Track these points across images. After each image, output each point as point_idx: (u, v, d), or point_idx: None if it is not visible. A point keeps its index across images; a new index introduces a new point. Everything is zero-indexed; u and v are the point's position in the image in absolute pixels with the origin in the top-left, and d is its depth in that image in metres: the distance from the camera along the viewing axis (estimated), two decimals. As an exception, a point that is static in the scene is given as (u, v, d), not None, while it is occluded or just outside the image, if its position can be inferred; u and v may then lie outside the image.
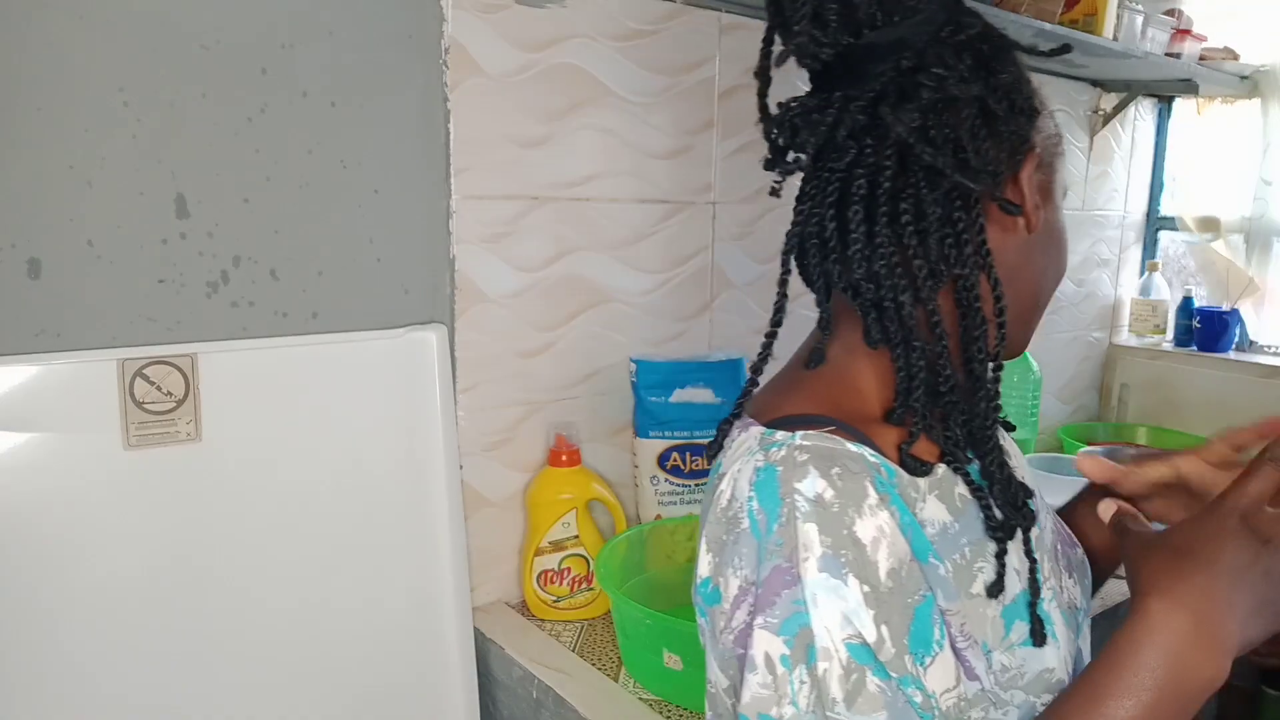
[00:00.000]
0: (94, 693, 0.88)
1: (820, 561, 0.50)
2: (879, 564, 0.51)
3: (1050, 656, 0.57)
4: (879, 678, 0.49)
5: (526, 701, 1.04)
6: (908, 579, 0.51)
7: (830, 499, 0.51)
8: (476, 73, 1.09)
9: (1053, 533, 0.67)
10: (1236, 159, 1.97)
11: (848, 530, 0.50)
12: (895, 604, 0.51)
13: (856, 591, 0.50)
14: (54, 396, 0.86)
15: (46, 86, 0.83)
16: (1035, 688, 0.56)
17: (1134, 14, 1.59)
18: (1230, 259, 2.02)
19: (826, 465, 0.52)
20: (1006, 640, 0.56)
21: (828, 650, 0.49)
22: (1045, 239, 0.61)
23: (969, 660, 0.54)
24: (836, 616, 0.50)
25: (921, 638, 0.51)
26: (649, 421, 1.25)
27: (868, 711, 0.49)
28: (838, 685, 0.49)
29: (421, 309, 1.09)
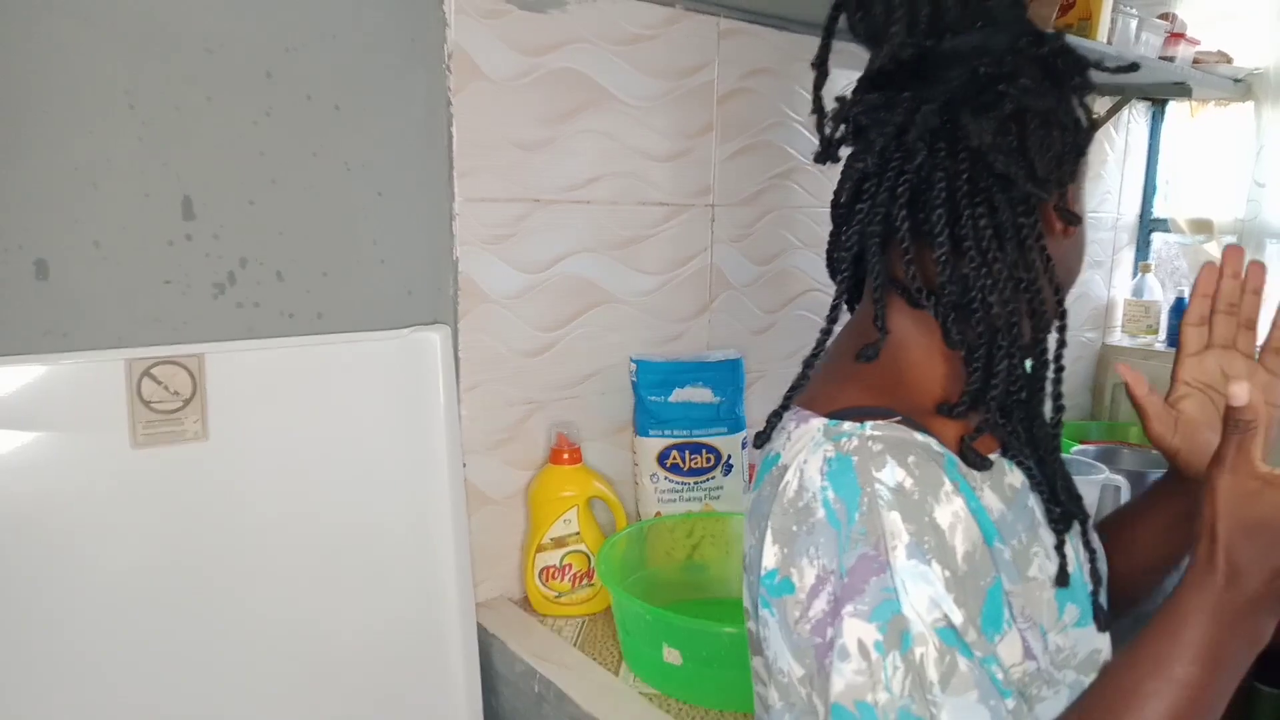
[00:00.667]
0: (99, 690, 0.89)
1: (908, 549, 0.51)
2: (956, 549, 0.52)
3: (1100, 638, 0.60)
4: (966, 657, 0.51)
5: (528, 696, 1.06)
6: (980, 562, 0.53)
7: (910, 487, 0.52)
8: (479, 77, 1.10)
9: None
10: (1229, 161, 1.99)
11: (929, 517, 0.52)
12: (970, 587, 0.52)
13: (939, 577, 0.51)
14: (62, 396, 0.87)
15: (52, 89, 0.84)
16: (1086, 667, 0.59)
17: (1128, 18, 1.60)
18: (1223, 260, 2.03)
19: (902, 454, 0.53)
20: (1060, 622, 0.58)
21: (922, 636, 0.50)
22: (1076, 243, 0.64)
23: (1028, 640, 0.55)
24: (925, 602, 0.51)
25: (993, 617, 0.53)
26: (649, 420, 1.26)
27: (961, 691, 0.50)
28: (934, 669, 0.50)
29: (425, 310, 1.10)
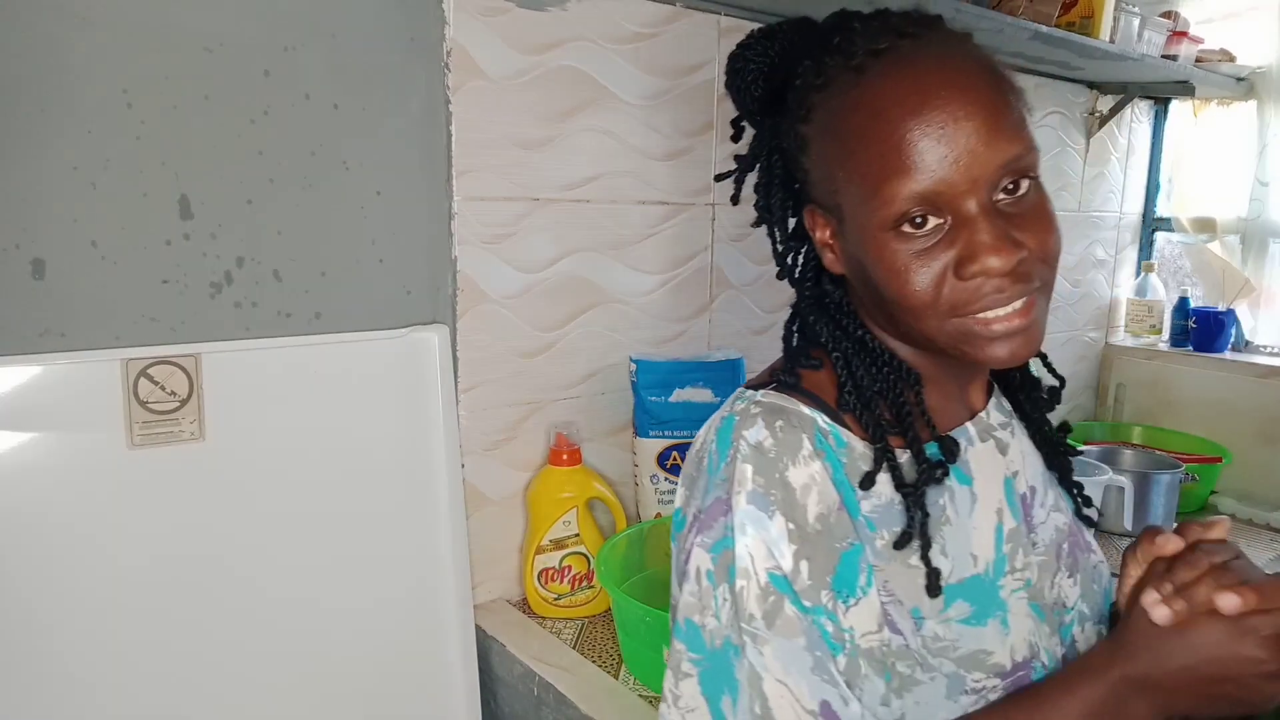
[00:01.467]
0: (97, 691, 0.88)
1: (749, 495, 0.58)
2: (808, 507, 0.58)
3: (992, 640, 0.61)
4: (796, 607, 0.56)
5: (527, 698, 1.05)
6: (836, 525, 0.59)
7: (769, 446, 0.59)
8: (478, 75, 1.09)
9: (1058, 530, 0.70)
10: (1232, 160, 1.98)
11: (780, 474, 0.58)
12: (821, 545, 0.58)
13: (781, 527, 0.57)
14: (58, 396, 0.87)
15: (50, 88, 0.84)
16: (968, 664, 0.60)
17: (1130, 16, 1.60)
18: (1226, 260, 2.02)
19: (773, 419, 0.60)
20: (944, 614, 0.60)
21: (746, 570, 0.57)
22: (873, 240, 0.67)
23: (892, 616, 0.59)
24: (760, 545, 0.57)
25: (846, 579, 0.58)
26: (649, 421, 1.25)
27: (787, 635, 0.56)
28: (755, 603, 0.56)
29: (423, 309, 1.09)
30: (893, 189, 0.56)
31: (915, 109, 0.56)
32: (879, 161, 0.57)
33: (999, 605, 0.63)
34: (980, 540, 0.64)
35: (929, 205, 0.56)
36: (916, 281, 0.57)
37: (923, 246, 0.57)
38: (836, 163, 0.60)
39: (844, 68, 0.59)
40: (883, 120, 0.56)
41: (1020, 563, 0.65)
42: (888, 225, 0.57)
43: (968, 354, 0.59)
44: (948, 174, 0.55)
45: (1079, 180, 1.98)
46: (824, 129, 0.61)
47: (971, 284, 0.57)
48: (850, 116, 0.58)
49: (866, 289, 0.63)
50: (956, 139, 0.55)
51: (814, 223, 0.66)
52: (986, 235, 0.56)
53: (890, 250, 0.58)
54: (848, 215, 0.61)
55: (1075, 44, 1.49)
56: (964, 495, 0.65)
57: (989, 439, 0.69)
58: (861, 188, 0.58)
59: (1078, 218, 2.00)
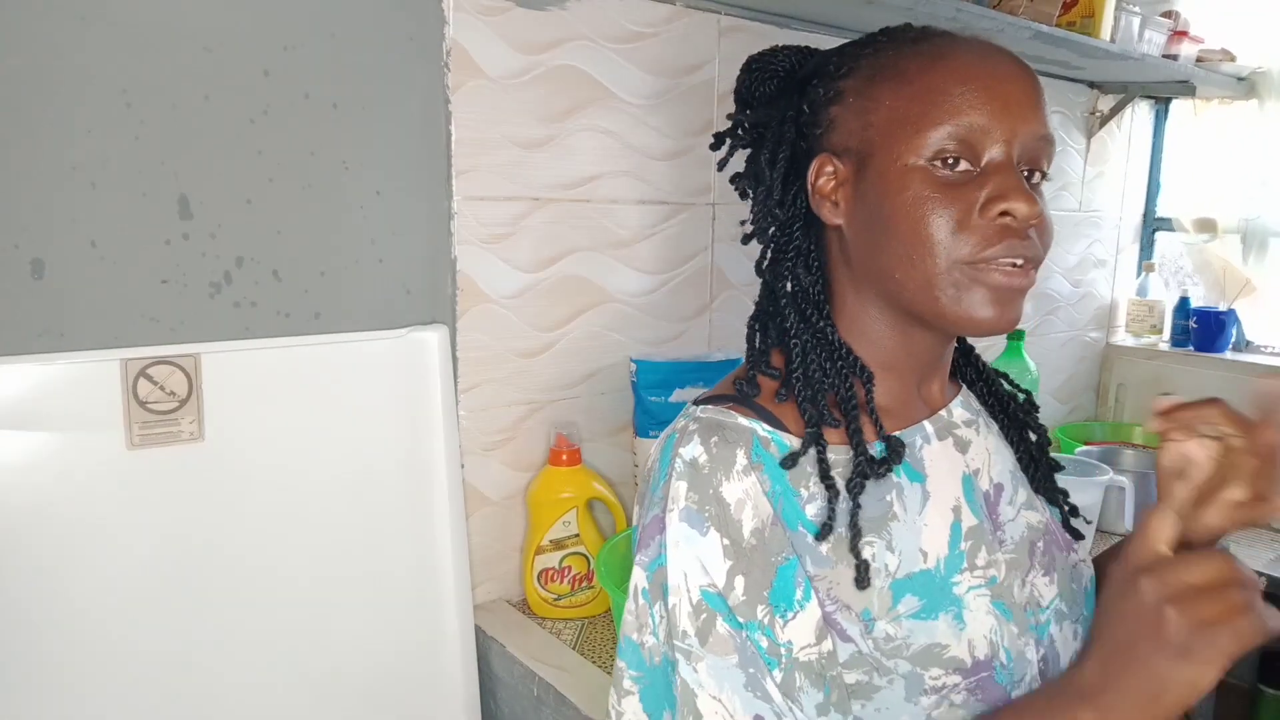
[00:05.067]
0: (97, 692, 0.88)
1: (683, 513, 0.58)
2: (743, 523, 0.58)
3: (945, 633, 0.61)
4: (729, 625, 0.56)
5: (527, 699, 1.05)
6: (772, 539, 0.58)
7: (703, 462, 0.59)
8: (478, 75, 1.09)
9: (1030, 528, 0.70)
10: (1233, 160, 1.98)
11: (714, 490, 0.58)
12: (757, 560, 0.58)
13: (716, 543, 0.57)
14: (57, 396, 0.86)
15: (49, 88, 0.84)
16: (923, 660, 0.59)
17: (1131, 16, 1.60)
18: (1227, 259, 2.02)
19: (708, 434, 0.60)
20: (893, 611, 0.60)
21: (678, 588, 0.57)
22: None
23: (840, 624, 0.59)
24: (693, 562, 0.57)
25: (783, 594, 0.58)
26: (649, 421, 1.25)
27: (721, 652, 0.56)
28: (687, 620, 0.57)
29: (423, 309, 1.09)
30: (938, 119, 0.59)
31: (974, 65, 0.60)
32: (933, 92, 0.60)
33: (951, 601, 0.62)
34: (932, 537, 0.63)
35: (967, 144, 0.59)
36: (939, 214, 0.59)
37: (951, 182, 0.59)
38: (881, 96, 0.62)
39: (897, 37, 0.64)
40: (941, 62, 0.60)
41: (982, 560, 0.65)
42: (925, 154, 0.59)
43: (960, 305, 0.60)
44: (993, 120, 0.59)
45: (1079, 180, 1.98)
46: (871, 76, 0.63)
47: (993, 226, 0.59)
48: (907, 58, 0.62)
49: (868, 236, 0.63)
50: (1007, 96, 0.60)
51: (820, 171, 0.65)
52: (1016, 181, 0.59)
53: (919, 181, 0.60)
54: (878, 149, 0.61)
55: (1076, 43, 1.49)
56: (914, 492, 0.64)
57: (947, 436, 0.68)
58: (905, 115, 0.60)
59: (1078, 217, 2.00)
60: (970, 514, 0.66)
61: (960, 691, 0.60)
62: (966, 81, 0.59)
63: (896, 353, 0.66)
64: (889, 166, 0.61)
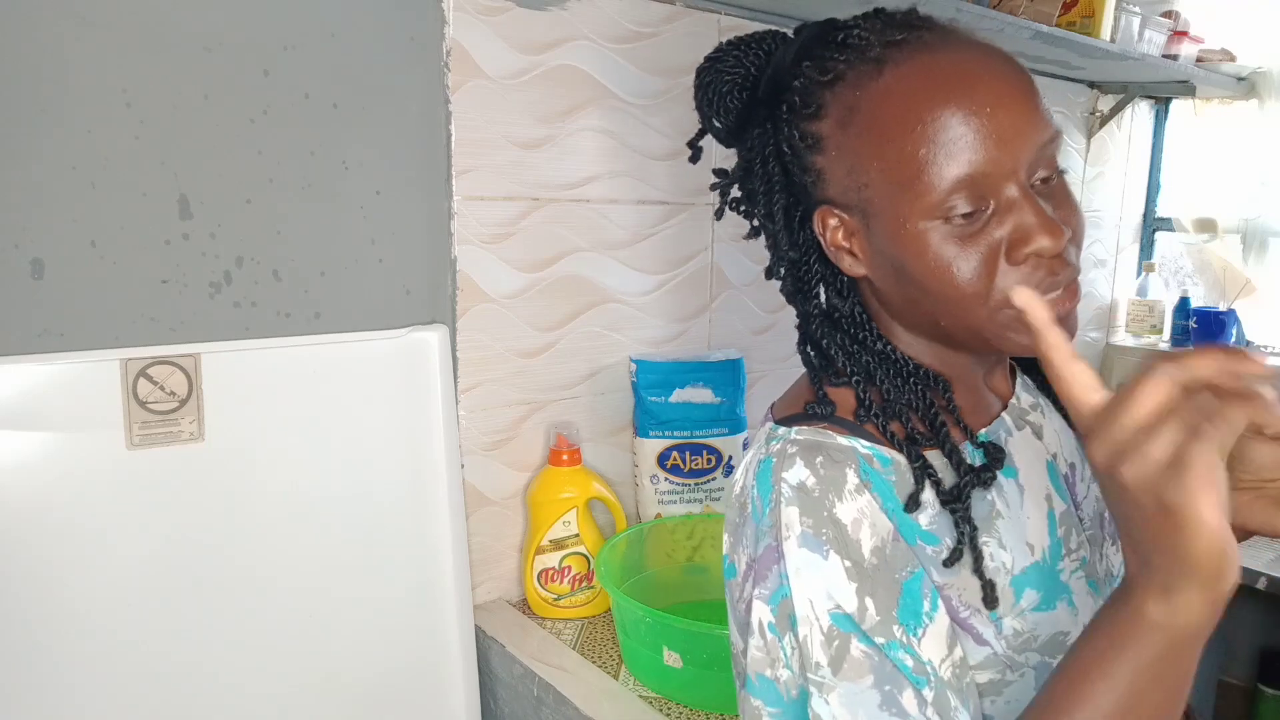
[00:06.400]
0: (97, 692, 0.88)
1: (800, 539, 0.55)
2: (862, 542, 0.55)
3: (1065, 620, 0.61)
4: (864, 645, 0.54)
5: (527, 699, 1.05)
6: (893, 556, 0.56)
7: (812, 485, 0.56)
8: (478, 75, 1.09)
9: (1099, 501, 0.71)
10: (1233, 160, 1.98)
11: (828, 512, 0.55)
12: (881, 578, 0.55)
13: (838, 566, 0.55)
14: (57, 396, 0.86)
15: (49, 87, 0.84)
16: (1050, 649, 0.60)
17: (1131, 16, 1.60)
18: (1227, 259, 2.02)
19: (811, 456, 0.57)
20: (1017, 607, 0.60)
21: (808, 618, 0.54)
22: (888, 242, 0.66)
23: (975, 628, 0.58)
24: (819, 589, 0.54)
25: (911, 610, 0.55)
26: (649, 421, 1.25)
27: (854, 677, 0.53)
28: (820, 650, 0.54)
29: (423, 309, 1.09)
30: (936, 175, 0.54)
31: (954, 92, 0.54)
32: (919, 149, 0.54)
33: (1063, 588, 0.62)
34: (1034, 529, 0.63)
35: (974, 190, 0.54)
36: (966, 271, 0.55)
37: (968, 233, 0.55)
38: (866, 155, 0.57)
39: (859, 60, 0.57)
40: (920, 105, 0.54)
41: (1075, 543, 0.65)
42: (931, 215, 0.55)
43: (1011, 344, 0.58)
44: (993, 155, 0.54)
45: (1080, 180, 1.98)
46: (845, 123, 0.58)
47: (1024, 268, 0.55)
48: (880, 107, 0.56)
49: (899, 288, 0.60)
50: (1000, 119, 0.54)
51: (826, 225, 0.62)
52: (1036, 217, 0.55)
53: (934, 242, 0.56)
54: (879, 210, 0.58)
55: (1076, 43, 1.49)
56: (1011, 488, 0.63)
57: (1024, 426, 0.68)
58: (899, 178, 0.55)
59: (1078, 217, 2.00)
60: (1059, 500, 0.66)
61: None
62: (950, 126, 0.53)
63: (959, 367, 0.65)
64: (898, 230, 0.57)
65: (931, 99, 0.54)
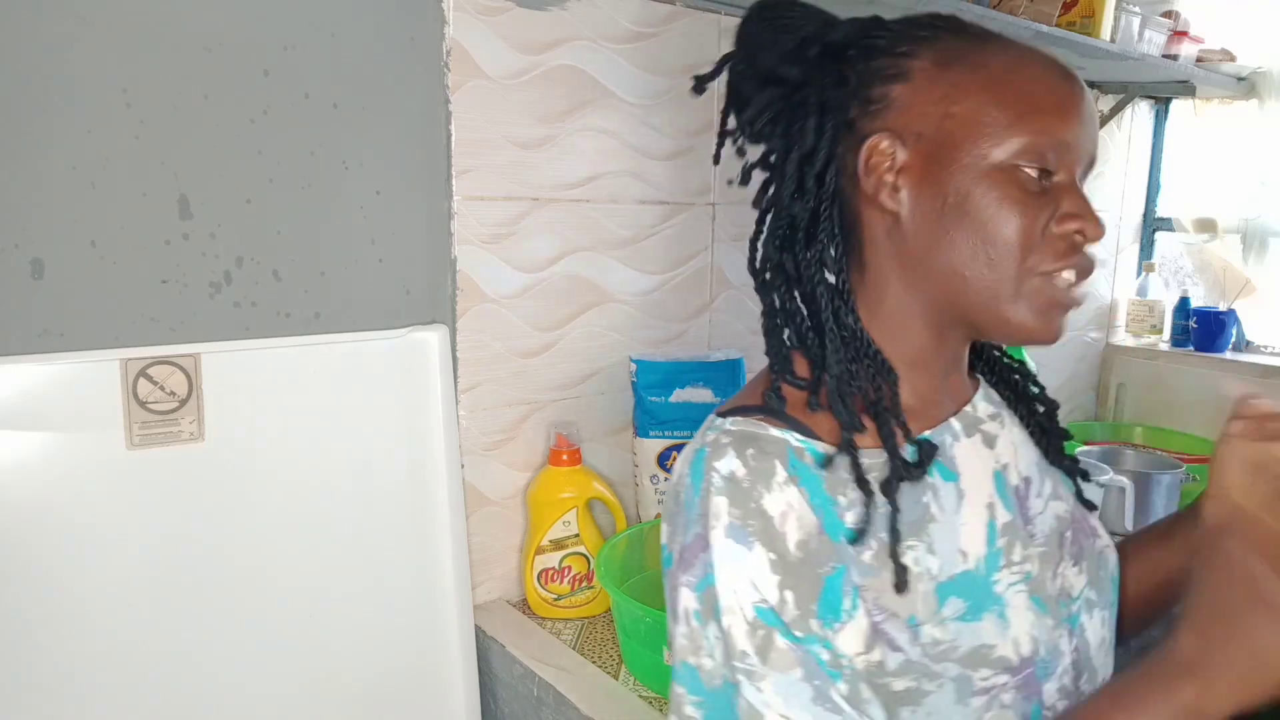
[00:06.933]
0: (96, 692, 0.88)
1: (727, 529, 0.56)
2: (787, 535, 0.57)
3: (991, 633, 0.60)
4: (787, 639, 0.55)
5: (527, 699, 1.05)
6: (817, 550, 0.57)
7: (742, 476, 0.57)
8: (478, 74, 1.09)
9: (1059, 519, 0.70)
10: (1233, 160, 1.98)
11: (756, 504, 0.57)
12: (804, 573, 0.56)
13: (763, 558, 0.56)
14: (57, 396, 0.86)
15: (49, 87, 0.84)
16: (971, 661, 0.59)
17: (1131, 16, 1.60)
18: (1227, 259, 2.02)
19: (743, 447, 0.58)
20: (939, 614, 0.59)
21: (732, 608, 0.55)
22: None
23: (888, 632, 0.58)
24: (743, 580, 0.56)
25: (831, 605, 0.56)
26: (649, 421, 1.25)
27: (783, 668, 0.55)
28: (745, 640, 0.55)
29: (423, 309, 1.09)
30: (1035, 127, 0.59)
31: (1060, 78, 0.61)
32: (1022, 101, 0.59)
33: (994, 600, 0.62)
34: (970, 536, 0.63)
35: (1054, 155, 0.60)
36: (1025, 219, 0.59)
37: (1034, 189, 0.60)
38: (968, 89, 0.60)
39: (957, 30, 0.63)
40: (1030, 69, 0.61)
41: (1018, 555, 0.65)
42: (1014, 157, 0.59)
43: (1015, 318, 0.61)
44: (1076, 138, 0.60)
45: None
46: (945, 63, 0.61)
47: (1065, 240, 0.60)
48: (993, 58, 0.61)
49: (936, 229, 0.61)
50: (1084, 117, 0.61)
51: (876, 151, 0.62)
52: (1089, 205, 0.61)
53: (1004, 182, 0.59)
54: (961, 140, 0.60)
55: (1076, 43, 1.48)
56: (949, 491, 0.63)
57: (975, 433, 0.68)
58: (995, 121, 0.59)
59: (1078, 217, 2.00)
60: (1004, 510, 0.66)
61: (1009, 690, 0.59)
62: (1051, 94, 0.60)
63: (925, 349, 0.65)
64: (974, 163, 0.59)
65: (1040, 71, 0.61)
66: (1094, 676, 0.67)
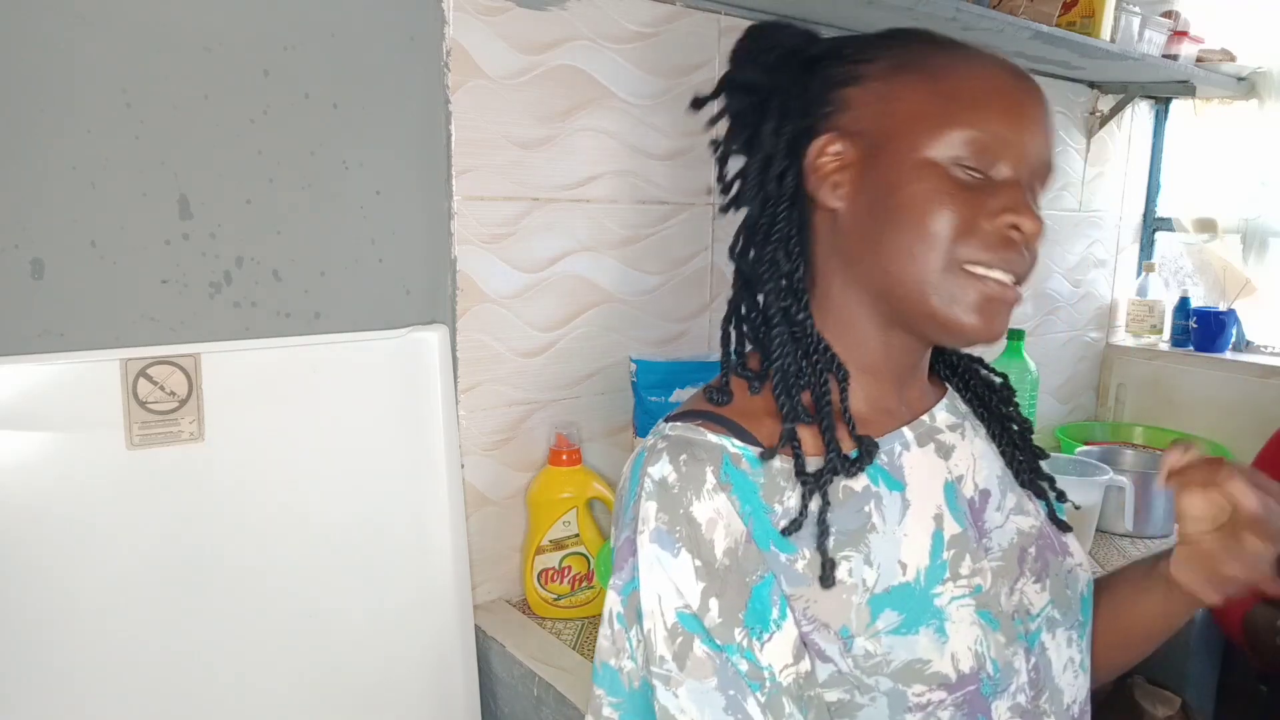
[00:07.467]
0: (96, 692, 0.88)
1: (654, 534, 0.57)
2: (715, 542, 0.57)
3: (927, 648, 0.59)
4: (707, 646, 0.55)
5: (527, 699, 1.05)
6: (744, 558, 0.57)
7: (673, 481, 0.57)
8: (478, 74, 1.09)
9: (1021, 534, 0.68)
10: (1233, 160, 1.98)
11: (684, 510, 0.57)
12: (731, 580, 0.56)
13: (688, 564, 0.56)
14: (57, 396, 0.86)
15: (49, 87, 0.84)
16: (905, 677, 0.58)
17: (1131, 16, 1.60)
18: (1227, 259, 2.02)
19: (677, 453, 0.59)
20: (872, 627, 0.58)
21: (653, 612, 0.56)
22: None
23: (818, 643, 0.57)
24: (667, 585, 0.56)
25: (758, 614, 0.56)
26: (649, 421, 1.25)
27: (699, 676, 0.55)
28: (664, 645, 0.56)
29: (423, 309, 1.09)
30: (967, 121, 0.59)
31: (1007, 80, 0.61)
32: (958, 98, 0.60)
33: (933, 614, 0.60)
34: (912, 548, 0.62)
35: (989, 152, 0.59)
36: (950, 211, 0.59)
37: (964, 184, 0.59)
38: (910, 88, 0.61)
39: (919, 38, 0.64)
40: (971, 68, 0.61)
41: (966, 569, 0.63)
42: (945, 149, 0.59)
43: (951, 312, 0.59)
44: (1017, 136, 0.60)
45: (1079, 180, 1.98)
46: (896, 66, 0.63)
47: (998, 233, 0.59)
48: (935, 59, 0.62)
49: (869, 225, 0.62)
50: (1030, 120, 0.61)
51: (824, 151, 0.63)
52: (1027, 199, 0.60)
53: (934, 176, 0.59)
54: (897, 134, 0.61)
55: (1076, 43, 1.49)
56: (893, 501, 0.62)
57: (929, 443, 0.67)
58: (929, 116, 0.60)
59: (1078, 218, 2.00)
60: (953, 522, 0.64)
61: (947, 707, 0.58)
62: (995, 92, 0.60)
63: (876, 353, 0.65)
64: (906, 156, 0.60)
65: (981, 70, 0.61)
66: (1058, 696, 0.65)
